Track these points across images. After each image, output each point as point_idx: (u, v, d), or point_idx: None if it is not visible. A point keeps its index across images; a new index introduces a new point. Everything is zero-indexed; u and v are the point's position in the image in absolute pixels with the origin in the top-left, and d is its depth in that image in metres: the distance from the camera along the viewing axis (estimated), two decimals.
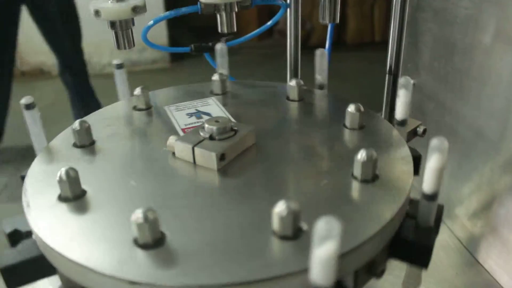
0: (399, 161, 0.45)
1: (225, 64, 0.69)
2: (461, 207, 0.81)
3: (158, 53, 2.65)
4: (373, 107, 0.67)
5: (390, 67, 0.66)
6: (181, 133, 0.52)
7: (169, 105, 0.60)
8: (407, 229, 0.40)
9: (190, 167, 0.45)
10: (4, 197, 1.84)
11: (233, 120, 0.54)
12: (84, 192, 0.42)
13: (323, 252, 0.25)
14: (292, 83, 0.60)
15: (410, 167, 0.44)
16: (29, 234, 0.40)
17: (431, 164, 0.37)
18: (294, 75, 0.78)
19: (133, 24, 0.62)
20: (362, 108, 0.51)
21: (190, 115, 0.57)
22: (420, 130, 0.70)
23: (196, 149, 0.45)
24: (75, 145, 0.51)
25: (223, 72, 0.67)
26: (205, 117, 0.55)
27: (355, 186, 0.41)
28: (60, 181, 0.41)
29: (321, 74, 0.64)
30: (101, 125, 0.56)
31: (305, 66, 0.76)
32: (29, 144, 0.52)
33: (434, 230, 0.41)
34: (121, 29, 0.61)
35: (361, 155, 0.41)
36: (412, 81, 0.52)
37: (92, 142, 0.51)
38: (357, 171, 0.42)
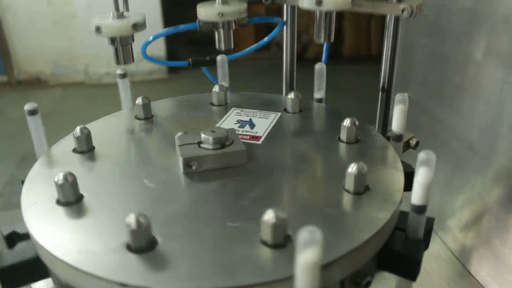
0: (390, 175, 0.46)
1: (225, 76, 0.70)
2: (453, 219, 0.82)
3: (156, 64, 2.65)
4: (368, 119, 0.68)
5: (383, 84, 0.68)
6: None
7: (237, 108, 0.63)
8: (396, 241, 0.40)
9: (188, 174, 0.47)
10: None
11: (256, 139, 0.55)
12: (81, 197, 0.43)
13: (305, 259, 0.26)
14: (291, 95, 0.61)
15: (401, 181, 0.45)
16: (27, 236, 0.41)
17: (419, 177, 0.37)
18: (290, 88, 0.79)
19: (133, 40, 0.63)
20: (357, 122, 0.52)
21: (240, 122, 0.59)
22: (413, 142, 0.71)
23: (179, 147, 0.48)
24: (75, 151, 0.52)
25: (223, 84, 0.68)
26: (246, 127, 0.57)
27: (346, 198, 0.42)
28: (58, 185, 0.42)
29: (319, 88, 0.66)
30: (102, 133, 0.57)
31: (301, 80, 0.77)
32: (26, 152, 0.53)
33: (423, 243, 0.41)
34: (121, 45, 0.62)
35: (352, 168, 0.42)
36: (407, 96, 0.53)
37: (92, 148, 0.53)
38: (348, 183, 0.43)
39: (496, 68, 0.71)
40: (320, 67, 0.65)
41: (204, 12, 0.64)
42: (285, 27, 0.75)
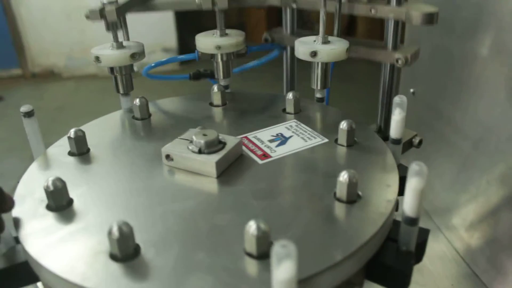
0: (384, 182, 0.45)
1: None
2: (458, 218, 0.81)
3: (168, 56, 2.66)
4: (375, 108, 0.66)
5: (384, 82, 0.66)
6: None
7: (296, 121, 0.59)
8: (386, 252, 0.39)
9: (183, 177, 0.47)
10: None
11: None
12: (71, 202, 0.43)
13: (281, 274, 0.26)
14: (289, 96, 0.60)
15: (394, 190, 0.43)
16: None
17: (411, 188, 0.36)
18: (290, 86, 0.78)
19: (133, 71, 0.65)
20: (354, 126, 0.51)
21: (278, 135, 0.55)
22: (416, 141, 0.69)
23: (166, 145, 0.49)
24: (70, 153, 0.52)
25: (222, 84, 0.67)
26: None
27: (336, 206, 0.41)
28: (47, 191, 0.42)
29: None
30: (97, 134, 0.57)
31: (305, 78, 0.76)
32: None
33: (414, 255, 0.40)
34: (120, 73, 0.63)
35: (343, 176, 0.41)
36: (409, 91, 0.51)
37: (87, 150, 0.53)
38: (339, 191, 0.42)
39: (503, 64, 0.69)
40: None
41: (202, 45, 0.66)
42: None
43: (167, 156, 0.48)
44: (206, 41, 0.65)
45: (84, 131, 0.53)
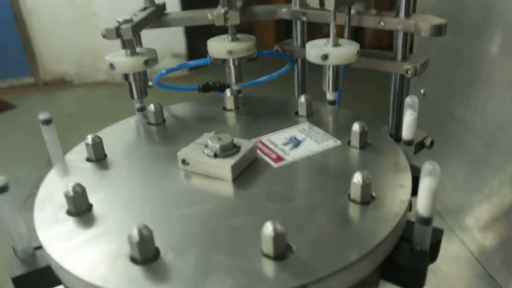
0: (397, 183, 0.45)
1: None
2: (471, 218, 0.81)
3: (178, 62, 2.68)
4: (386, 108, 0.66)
5: (395, 83, 0.67)
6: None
7: (308, 124, 0.59)
8: (400, 252, 0.40)
9: (199, 181, 0.48)
10: (27, 207, 1.89)
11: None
12: (90, 207, 0.44)
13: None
14: (301, 99, 0.61)
15: (407, 191, 0.44)
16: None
17: (424, 188, 0.36)
18: (302, 89, 0.79)
19: (146, 76, 0.66)
20: (366, 127, 0.52)
21: (291, 139, 0.55)
22: (428, 142, 0.69)
23: (182, 150, 0.50)
24: (87, 159, 0.54)
25: (235, 88, 0.68)
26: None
27: (350, 208, 0.42)
28: (67, 196, 0.43)
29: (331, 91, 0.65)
30: (114, 139, 0.58)
31: (315, 80, 0.76)
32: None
33: (429, 255, 0.40)
34: (134, 80, 0.64)
35: (357, 177, 0.41)
36: (420, 92, 0.51)
37: (104, 156, 0.54)
38: (353, 193, 0.42)
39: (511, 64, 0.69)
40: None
41: (214, 49, 0.67)
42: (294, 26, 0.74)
43: (183, 161, 0.49)
44: (217, 46, 0.66)
45: (101, 137, 0.54)
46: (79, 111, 2.29)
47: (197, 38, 2.72)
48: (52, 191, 0.48)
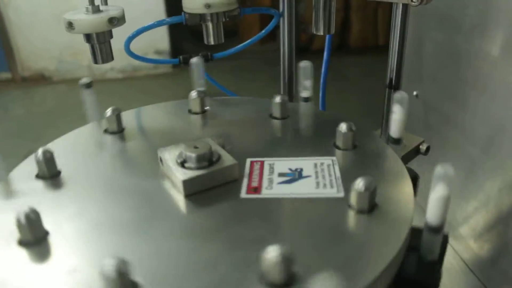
0: (397, 186, 0.41)
1: (201, 79, 0.63)
2: (466, 227, 0.76)
3: (161, 58, 2.61)
4: (375, 113, 0.61)
5: (391, 80, 0.61)
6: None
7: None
8: (409, 265, 0.35)
9: (160, 195, 0.41)
10: None
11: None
12: (45, 234, 0.37)
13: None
14: (277, 99, 0.55)
15: (410, 194, 0.39)
16: None
17: (436, 194, 0.33)
18: (288, 87, 0.73)
19: (111, 36, 0.58)
20: (354, 127, 0.47)
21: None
22: (423, 148, 0.64)
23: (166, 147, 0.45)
24: (38, 176, 0.45)
25: (200, 89, 0.61)
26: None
27: (353, 218, 0.37)
28: (18, 224, 0.35)
29: (305, 87, 0.59)
30: (68, 152, 0.50)
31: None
32: (30, 149, 0.48)
33: (439, 264, 0.37)
34: (98, 42, 0.57)
35: (359, 184, 0.36)
36: (412, 93, 0.47)
37: (57, 173, 0.46)
38: (354, 201, 0.37)
39: None
40: (304, 64, 0.57)
41: (189, 4, 0.59)
42: (282, 18, 0.68)
43: (160, 159, 0.45)
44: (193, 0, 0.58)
45: (52, 151, 0.45)
46: (58, 107, 2.20)
47: (180, 35, 2.65)
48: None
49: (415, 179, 0.48)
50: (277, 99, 0.55)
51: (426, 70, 0.63)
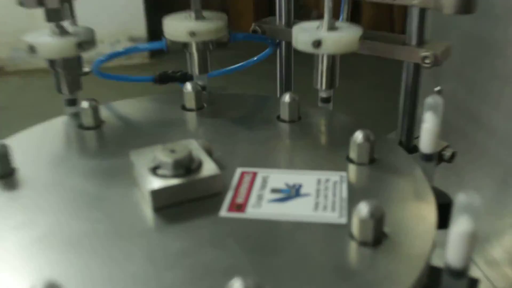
0: (417, 214, 0.40)
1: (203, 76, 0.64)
2: (500, 250, 0.77)
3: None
4: (387, 110, 0.61)
5: (407, 79, 0.62)
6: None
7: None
8: None
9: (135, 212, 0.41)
10: None
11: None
12: None
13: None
14: (285, 98, 0.55)
15: (431, 223, 0.39)
16: None
17: (458, 229, 0.31)
18: (286, 84, 0.73)
19: (81, 64, 0.60)
20: (372, 137, 0.46)
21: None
22: (447, 154, 0.64)
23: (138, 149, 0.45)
24: None
25: (199, 82, 0.62)
26: None
27: (353, 252, 0.36)
28: None
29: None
30: (30, 149, 0.51)
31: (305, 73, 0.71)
32: None
33: None
34: (64, 68, 0.58)
35: (362, 209, 0.35)
36: (434, 89, 0.48)
37: (10, 172, 0.46)
38: (356, 230, 0.36)
39: None
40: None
41: (172, 30, 0.61)
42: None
43: (131, 163, 0.44)
44: (177, 26, 0.60)
45: (7, 146, 0.46)
46: (11, 104, 2.20)
47: (159, 18, 2.66)
48: None
49: (447, 206, 0.43)
50: (286, 98, 0.56)
51: (450, 63, 0.63)
